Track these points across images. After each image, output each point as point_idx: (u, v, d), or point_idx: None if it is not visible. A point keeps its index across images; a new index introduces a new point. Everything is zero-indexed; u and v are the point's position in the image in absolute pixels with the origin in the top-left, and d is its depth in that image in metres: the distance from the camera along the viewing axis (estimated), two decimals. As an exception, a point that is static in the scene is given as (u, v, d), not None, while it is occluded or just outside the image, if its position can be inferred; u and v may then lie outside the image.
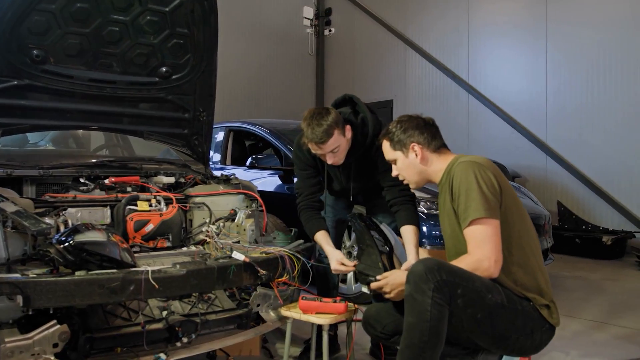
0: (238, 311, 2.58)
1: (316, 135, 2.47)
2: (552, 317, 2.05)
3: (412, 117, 2.26)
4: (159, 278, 2.09)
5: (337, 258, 2.55)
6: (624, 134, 6.79)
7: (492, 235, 1.98)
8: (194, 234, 3.02)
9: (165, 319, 2.32)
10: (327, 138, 2.48)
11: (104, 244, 2.17)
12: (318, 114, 2.50)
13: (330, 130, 2.47)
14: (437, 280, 1.86)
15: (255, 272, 2.39)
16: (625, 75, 6.80)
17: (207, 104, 3.44)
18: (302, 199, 2.82)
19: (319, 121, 2.47)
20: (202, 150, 3.61)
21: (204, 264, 2.27)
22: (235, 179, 3.30)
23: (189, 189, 3.16)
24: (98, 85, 3.01)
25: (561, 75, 7.48)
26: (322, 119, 2.47)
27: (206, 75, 3.32)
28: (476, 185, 2.00)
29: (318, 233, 2.70)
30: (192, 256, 2.80)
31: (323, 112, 2.51)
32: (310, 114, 2.53)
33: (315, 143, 2.50)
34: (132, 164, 3.20)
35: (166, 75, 3.17)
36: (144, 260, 2.59)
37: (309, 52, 11.33)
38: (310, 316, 2.43)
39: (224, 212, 3.06)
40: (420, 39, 9.42)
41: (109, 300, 2.03)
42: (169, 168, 3.33)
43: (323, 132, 2.46)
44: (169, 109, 3.34)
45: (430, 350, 1.87)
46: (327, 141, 2.48)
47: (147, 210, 2.82)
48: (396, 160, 2.27)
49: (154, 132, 3.39)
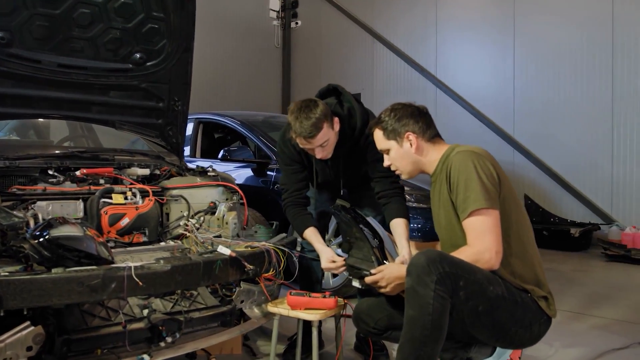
0: (222, 308, 2.46)
1: (305, 129, 2.36)
2: (549, 308, 2.02)
3: (406, 105, 2.19)
4: (143, 275, 1.96)
5: (328, 256, 2.46)
6: (589, 128, 6.93)
7: (493, 227, 1.93)
8: (171, 228, 2.89)
9: (147, 317, 2.18)
10: (317, 132, 2.37)
11: (81, 239, 2.02)
12: (306, 106, 2.39)
13: (319, 124, 2.37)
14: (439, 272, 1.80)
15: (242, 267, 2.28)
16: (591, 70, 6.93)
17: (182, 93, 3.31)
18: (288, 195, 2.70)
19: (307, 114, 2.36)
20: (176, 141, 3.47)
21: (189, 259, 2.14)
22: (213, 171, 3.18)
23: (164, 181, 3.02)
24: (67, 71, 2.84)
25: (529, 70, 7.57)
26: (311, 112, 2.36)
27: (182, 63, 3.18)
28: (475, 175, 1.95)
29: (307, 230, 2.60)
30: (171, 251, 2.68)
31: (311, 104, 2.40)
32: (297, 107, 2.41)
33: (304, 137, 2.38)
34: (103, 155, 3.03)
35: (140, 61, 3.02)
36: (121, 256, 2.46)
37: (275, 44, 11.18)
38: (299, 312, 2.34)
39: (203, 205, 2.94)
40: (388, 33, 9.40)
41: (89, 299, 1.88)
42: (142, 160, 3.18)
43: (312, 126, 2.35)
44: (142, 97, 3.19)
45: (432, 344, 1.81)
46: (317, 135, 2.38)
47: (123, 203, 2.68)
48: (389, 150, 2.20)
49: (126, 121, 3.23)
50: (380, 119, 2.20)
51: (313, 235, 2.59)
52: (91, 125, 3.78)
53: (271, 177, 4.67)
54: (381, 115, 2.21)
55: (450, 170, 2.02)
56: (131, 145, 4.25)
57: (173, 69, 3.16)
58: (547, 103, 7.37)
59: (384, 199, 2.61)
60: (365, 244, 2.32)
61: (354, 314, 2.33)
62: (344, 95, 2.65)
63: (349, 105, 2.61)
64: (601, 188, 6.83)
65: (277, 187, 4.60)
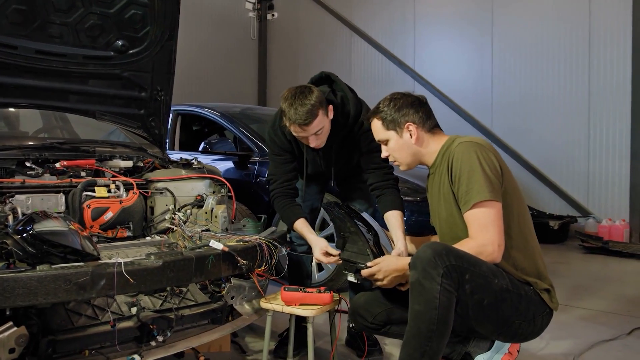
0: (213, 305, 2.38)
1: (299, 116, 2.27)
2: (552, 301, 2.00)
3: (406, 95, 2.14)
4: (133, 271, 1.86)
5: (321, 247, 2.38)
6: (566, 122, 7.00)
7: (496, 219, 1.89)
8: (156, 222, 2.78)
9: (136, 315, 2.09)
10: (312, 119, 2.29)
11: (66, 234, 1.91)
12: (300, 92, 2.31)
13: (314, 111, 2.29)
14: (446, 265, 1.76)
15: (235, 262, 2.20)
16: (569, 64, 6.99)
17: (165, 83, 3.20)
18: (277, 186, 2.62)
19: (302, 101, 2.28)
20: (158, 132, 3.36)
21: (180, 254, 2.05)
22: (199, 163, 3.08)
23: (148, 174, 2.91)
24: (45, 59, 2.71)
25: (506, 64, 7.61)
26: (306, 99, 2.28)
27: (165, 51, 3.07)
28: (479, 167, 1.91)
29: (297, 221, 2.53)
30: (158, 246, 2.58)
31: (306, 90, 2.32)
32: (291, 93, 2.33)
33: (298, 125, 2.30)
34: (84, 146, 2.89)
35: (122, 49, 2.90)
36: (106, 251, 2.34)
37: (252, 36, 11.02)
38: (295, 308, 2.26)
39: (189, 198, 2.84)
40: (367, 26, 9.35)
41: (77, 298, 1.77)
42: (124, 151, 3.05)
43: (307, 113, 2.27)
44: (123, 86, 3.07)
45: (438, 339, 1.76)
46: (312, 122, 2.30)
47: (106, 196, 2.56)
48: (388, 140, 2.14)
49: (107, 112, 3.10)
50: (379, 108, 2.14)
51: (304, 227, 2.51)
52: (66, 116, 3.62)
53: (253, 169, 4.58)
54: (380, 104, 2.15)
55: (452, 162, 1.97)
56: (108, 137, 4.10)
57: (156, 58, 3.05)
58: (524, 97, 7.42)
59: (377, 190, 2.55)
60: (360, 237, 2.27)
61: (351, 309, 2.28)
62: (336, 84, 2.58)
63: (342, 93, 2.54)
64: (577, 181, 6.92)
65: (259, 180, 4.52)
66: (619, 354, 2.80)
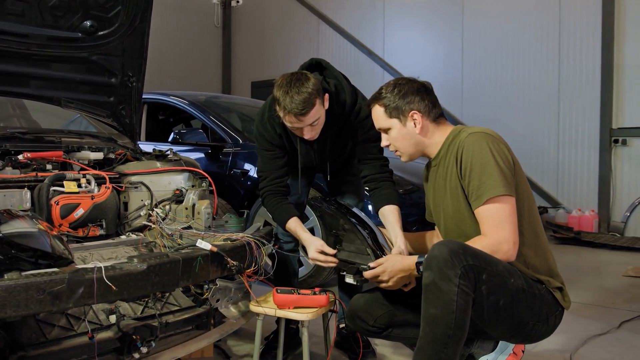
0: (198, 310, 2.19)
1: (296, 105, 2.09)
2: (564, 300, 1.90)
3: (411, 80, 1.99)
4: (115, 276, 1.66)
5: (317, 246, 2.20)
6: (536, 113, 7.03)
7: (510, 215, 1.77)
8: (130, 219, 2.56)
9: (116, 324, 1.89)
10: (309, 108, 2.11)
11: (36, 236, 1.69)
12: (297, 80, 2.12)
13: (311, 99, 2.11)
14: (463, 265, 1.63)
15: (224, 263, 2.02)
16: (538, 56, 7.01)
17: (137, 68, 2.96)
18: (267, 183, 2.44)
19: (298, 89, 2.09)
20: (129, 121, 3.11)
21: (166, 256, 1.85)
22: (175, 155, 2.86)
23: (120, 167, 2.68)
24: (5, 39, 2.44)
25: (477, 54, 7.58)
26: (302, 86, 2.10)
27: (137, 34, 2.84)
28: (492, 160, 1.78)
29: (291, 220, 2.36)
30: (135, 246, 2.37)
31: (302, 77, 2.14)
32: (286, 80, 2.14)
33: (294, 115, 2.12)
34: (48, 136, 2.65)
35: (91, 30, 2.65)
36: (78, 253, 2.14)
37: (215, 23, 10.70)
38: (289, 311, 2.10)
39: (166, 193, 2.62)
40: (335, 14, 9.18)
41: (52, 309, 1.56)
42: (92, 142, 2.81)
43: (304, 102, 2.09)
44: (92, 71, 2.82)
45: (454, 345, 1.64)
46: (309, 112, 2.12)
47: (76, 191, 2.33)
48: (390, 129, 1.99)
49: (74, 99, 2.84)
50: (381, 94, 1.98)
51: (298, 225, 2.35)
52: (23, 102, 3.34)
53: (227, 161, 4.37)
54: (382, 90, 1.99)
55: (462, 154, 1.84)
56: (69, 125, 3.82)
57: (127, 41, 2.81)
58: (494, 87, 7.42)
59: (372, 183, 2.41)
60: (357, 235, 2.11)
61: (350, 312, 2.13)
62: (329, 71, 2.41)
63: (336, 81, 2.37)
64: (547, 172, 6.96)
65: (233, 172, 4.32)
66: (613, 349, 2.75)
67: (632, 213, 6.33)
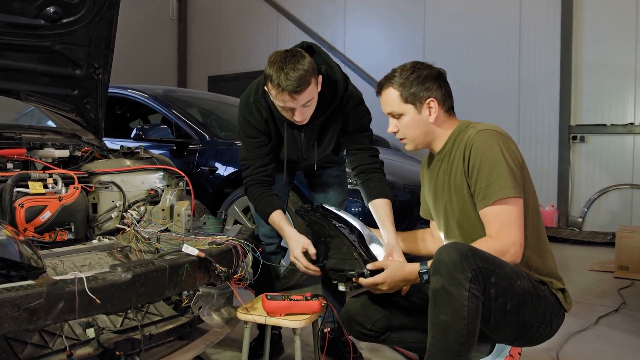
0: (181, 319, 2.04)
1: (291, 82, 1.95)
2: (566, 301, 1.86)
3: (430, 66, 1.88)
4: (98, 288, 1.50)
5: (304, 244, 2.10)
6: (497, 112, 7.10)
7: (518, 217, 1.72)
8: (100, 222, 2.38)
9: (95, 339, 1.72)
10: (304, 86, 1.98)
11: (5, 244, 1.52)
12: (292, 56, 1.99)
13: (307, 77, 1.98)
14: (473, 268, 1.55)
15: (212, 269, 1.88)
16: (498, 56, 7.09)
17: (103, 60, 2.78)
18: (250, 172, 2.30)
19: (294, 65, 1.96)
20: (94, 116, 2.91)
21: (152, 264, 1.70)
22: (146, 152, 2.68)
23: (88, 165, 2.49)
24: (-42, 25, 2.21)
25: (438, 50, 7.61)
26: (298, 63, 1.97)
27: (105, 23, 2.66)
28: (503, 160, 1.72)
29: (274, 213, 2.23)
30: (109, 251, 2.20)
31: (297, 54, 2.01)
32: (280, 56, 2.00)
33: (288, 93, 1.98)
34: (7, 132, 2.43)
35: (54, 17, 2.44)
36: (48, 260, 1.95)
37: (170, 16, 10.38)
38: (280, 319, 1.98)
39: (139, 193, 2.45)
40: (294, 8, 9.05)
41: (29, 327, 1.39)
42: (55, 138, 2.61)
43: (299, 79, 1.96)
44: (55, 62, 2.61)
45: (466, 352, 1.56)
46: (304, 90, 1.99)
47: (42, 193, 2.14)
48: (402, 115, 1.88)
49: (34, 92, 2.62)
50: (395, 77, 1.86)
51: (282, 219, 2.22)
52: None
53: (193, 159, 4.19)
54: (397, 72, 1.87)
55: (471, 151, 1.76)
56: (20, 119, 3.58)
57: (94, 30, 2.61)
58: (455, 85, 7.22)
59: (362, 174, 2.32)
60: (343, 240, 1.97)
61: (345, 316, 2.02)
62: (320, 56, 2.28)
63: (327, 66, 2.24)
64: (508, 168, 7.04)
65: (200, 170, 4.15)
66: (595, 345, 2.76)
67: (589, 208, 6.50)
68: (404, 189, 3.99)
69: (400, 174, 4.22)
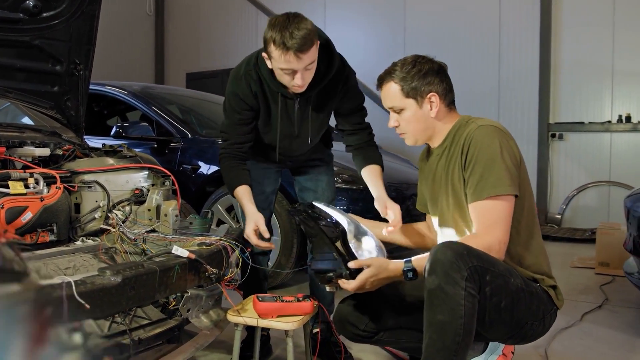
0: (170, 322, 1.98)
1: (296, 40, 1.90)
2: (558, 298, 1.86)
3: (431, 60, 1.88)
4: (87, 292, 1.45)
5: (257, 221, 2.07)
6: (476, 109, 7.04)
7: (507, 216, 1.71)
8: (82, 222, 2.31)
9: (82, 345, 1.65)
10: (309, 46, 1.94)
11: (-12, 247, 1.44)
12: (294, 17, 1.97)
13: (311, 37, 1.95)
14: (469, 267, 1.55)
15: (203, 270, 1.84)
16: (479, 54, 7.12)
17: (84, 55, 2.70)
18: (227, 145, 2.29)
19: (298, 24, 1.93)
20: (75, 114, 2.83)
21: (141, 266, 1.65)
22: (129, 150, 2.61)
23: (69, 164, 2.41)
24: None
25: (419, 48, 7.37)
26: (302, 23, 1.95)
27: (86, 17, 2.58)
28: (499, 156, 1.71)
29: (240, 187, 2.20)
30: (94, 253, 2.13)
31: (299, 15, 1.99)
32: (282, 18, 1.97)
33: (294, 52, 1.92)
34: (-16, 130, 2.34)
35: (34, 11, 2.36)
36: (30, 263, 1.87)
37: (147, 11, 10.20)
38: (272, 321, 1.94)
39: (123, 192, 2.38)
40: (274, 5, 8.95)
41: (16, 334, 1.33)
42: (34, 136, 2.52)
43: (305, 38, 1.92)
44: (34, 57, 2.53)
45: (463, 352, 1.55)
46: (309, 50, 1.95)
47: (23, 193, 2.06)
48: (404, 109, 1.86)
49: (12, 88, 2.53)
50: (395, 70, 1.85)
51: (246, 195, 2.19)
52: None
53: (175, 157, 4.12)
54: (397, 66, 1.86)
55: (470, 146, 1.75)
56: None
57: (75, 24, 2.53)
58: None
59: (358, 150, 2.37)
60: (323, 240, 1.92)
61: (338, 317, 2.00)
62: None
63: (322, 41, 2.21)
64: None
65: (183, 168, 4.08)
66: (582, 342, 2.79)
67: (568, 205, 6.59)
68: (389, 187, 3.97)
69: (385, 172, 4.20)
